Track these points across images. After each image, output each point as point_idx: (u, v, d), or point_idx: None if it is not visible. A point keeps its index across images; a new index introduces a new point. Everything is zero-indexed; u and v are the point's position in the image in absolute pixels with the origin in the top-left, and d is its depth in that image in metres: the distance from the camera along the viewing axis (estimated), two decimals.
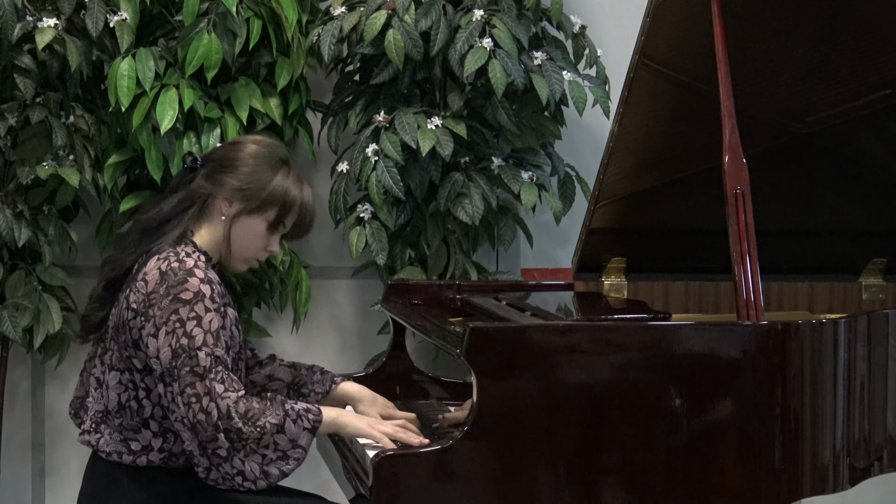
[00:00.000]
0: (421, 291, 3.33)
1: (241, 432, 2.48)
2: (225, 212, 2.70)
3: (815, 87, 3.06)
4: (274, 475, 2.51)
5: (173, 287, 2.55)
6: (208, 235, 2.72)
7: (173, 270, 2.57)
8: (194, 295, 2.54)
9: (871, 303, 3.34)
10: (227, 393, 2.49)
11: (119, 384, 2.63)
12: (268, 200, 2.69)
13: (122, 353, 2.62)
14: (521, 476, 2.43)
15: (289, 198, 2.71)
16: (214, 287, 2.59)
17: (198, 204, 2.71)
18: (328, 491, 3.15)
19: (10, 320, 3.85)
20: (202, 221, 2.72)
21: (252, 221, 2.71)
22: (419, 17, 3.78)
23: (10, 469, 4.24)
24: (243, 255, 2.74)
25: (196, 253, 2.65)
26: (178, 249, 2.63)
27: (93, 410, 2.70)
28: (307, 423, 2.54)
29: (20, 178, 3.84)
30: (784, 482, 2.50)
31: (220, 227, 2.71)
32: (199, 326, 2.52)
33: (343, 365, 4.20)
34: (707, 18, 2.75)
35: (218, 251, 2.73)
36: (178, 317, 2.53)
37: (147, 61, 3.75)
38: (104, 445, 2.65)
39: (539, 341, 2.45)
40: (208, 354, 2.51)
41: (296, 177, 2.75)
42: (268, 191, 2.69)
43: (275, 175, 2.71)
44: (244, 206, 2.69)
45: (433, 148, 3.74)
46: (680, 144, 3.13)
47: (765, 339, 2.51)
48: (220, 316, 2.57)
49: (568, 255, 3.42)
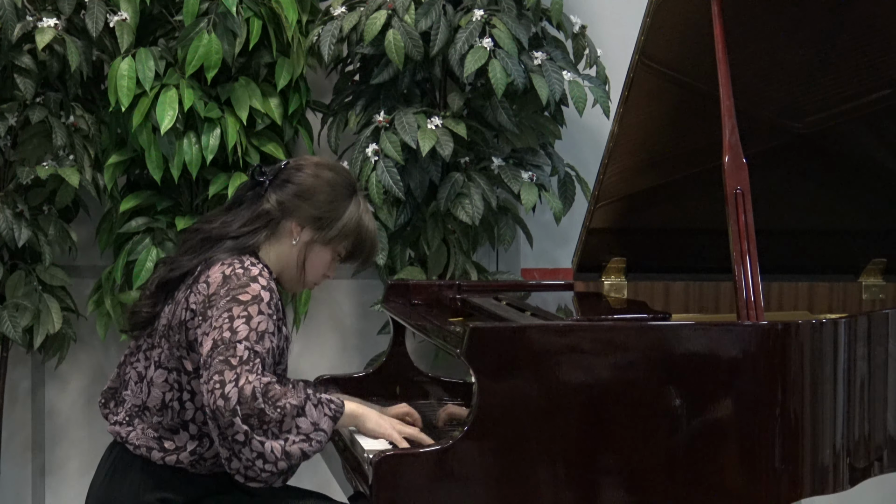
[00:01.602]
0: (421, 291, 3.33)
1: (263, 414, 2.43)
2: (297, 236, 2.70)
3: (814, 87, 3.06)
4: (296, 455, 2.46)
5: (234, 289, 2.54)
6: (273, 254, 2.72)
7: (237, 275, 2.57)
8: (252, 297, 2.53)
9: (871, 303, 3.34)
10: (257, 377, 2.45)
11: (165, 383, 2.64)
12: (343, 233, 2.71)
13: (172, 352, 2.62)
14: (521, 476, 2.43)
15: (362, 230, 2.73)
16: (274, 296, 2.58)
17: (271, 226, 2.70)
18: (328, 491, 3.15)
19: (10, 320, 3.85)
20: (270, 240, 2.71)
21: (323, 250, 2.72)
22: (419, 17, 3.78)
23: (10, 469, 4.24)
24: (304, 278, 2.75)
25: (260, 265, 2.64)
26: (243, 259, 2.63)
27: (129, 404, 2.70)
28: (328, 411, 2.51)
29: (20, 178, 3.84)
30: (784, 482, 2.50)
31: (286, 248, 2.71)
32: (247, 324, 2.50)
33: (343, 365, 4.20)
34: (707, 18, 2.75)
35: (280, 270, 2.73)
36: (229, 314, 2.51)
37: (147, 61, 3.75)
38: (134, 439, 2.66)
39: (539, 341, 2.45)
40: (248, 349, 2.48)
41: (366, 207, 2.77)
42: (343, 222, 2.70)
43: (349, 205, 2.72)
44: (318, 236, 2.70)
45: (433, 148, 3.74)
46: (680, 144, 3.13)
47: (765, 339, 2.51)
48: (272, 323, 2.55)
49: (568, 255, 3.42)
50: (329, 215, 2.70)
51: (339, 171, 2.77)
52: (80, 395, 4.28)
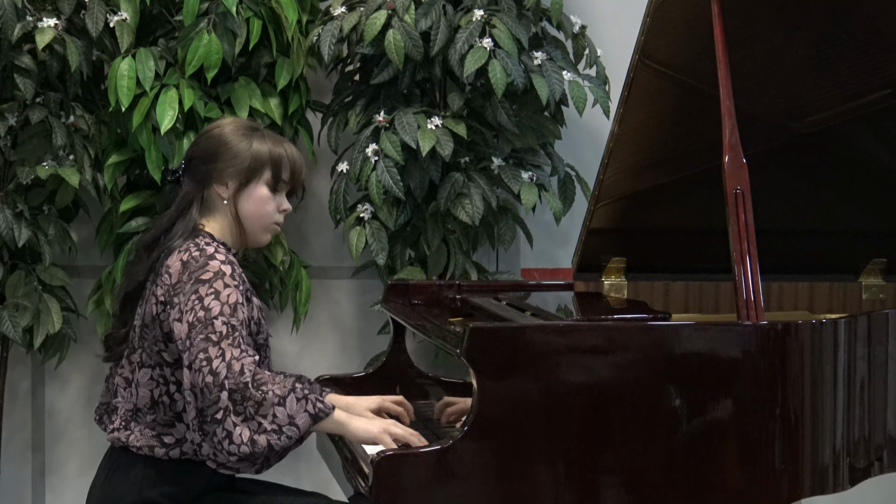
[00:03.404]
0: (421, 291, 3.33)
1: (246, 390, 2.47)
2: (225, 195, 2.75)
3: (815, 87, 3.06)
4: (261, 445, 2.47)
5: (195, 272, 2.59)
6: (219, 224, 2.76)
7: (194, 259, 2.62)
8: (214, 274, 2.59)
9: (871, 303, 3.34)
10: (243, 356, 2.51)
11: (150, 380, 2.66)
12: (257, 165, 2.75)
13: (151, 348, 2.65)
14: (520, 476, 2.43)
15: (275, 154, 2.77)
16: (235, 268, 2.63)
17: (196, 201, 2.75)
18: (328, 491, 3.15)
19: (10, 320, 3.85)
20: (208, 214, 2.77)
21: (253, 190, 2.76)
22: (419, 17, 3.78)
23: (10, 469, 4.24)
24: (261, 225, 2.79)
25: (214, 243, 2.69)
26: (197, 241, 2.68)
27: (122, 410, 2.72)
28: (311, 408, 2.52)
29: (20, 178, 3.84)
30: (784, 482, 2.50)
31: (224, 210, 2.76)
32: (217, 300, 2.55)
33: (343, 365, 4.20)
34: (707, 18, 2.75)
35: (234, 236, 2.77)
36: (196, 295, 2.56)
37: (147, 61, 3.75)
38: (134, 441, 2.67)
39: (539, 341, 2.45)
40: (224, 323, 2.53)
41: (272, 136, 2.81)
42: (253, 156, 2.75)
43: (252, 141, 2.76)
44: (240, 181, 2.75)
45: (433, 148, 3.74)
46: (680, 144, 3.13)
47: (765, 340, 2.51)
48: (240, 294, 2.60)
49: (568, 255, 3.42)
50: (238, 158, 2.75)
51: (229, 122, 2.83)
52: (79, 395, 4.28)
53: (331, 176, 4.01)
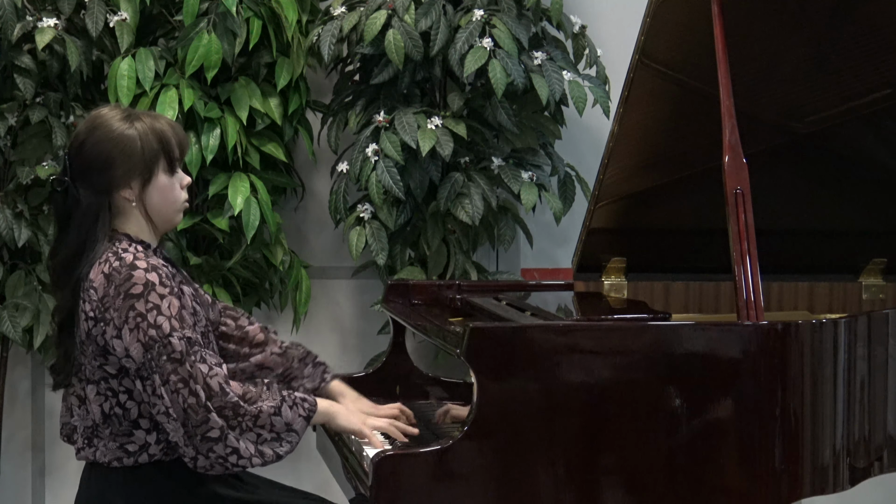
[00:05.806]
0: (421, 291, 3.33)
1: (238, 406, 2.48)
2: (132, 197, 2.64)
3: (815, 87, 3.06)
4: (269, 455, 2.52)
5: (121, 285, 2.53)
6: (133, 224, 2.66)
7: (116, 270, 2.54)
8: (144, 286, 2.52)
9: (871, 303, 3.34)
10: (214, 370, 2.50)
11: (98, 395, 2.61)
12: (151, 156, 2.63)
13: (92, 363, 2.60)
14: (521, 476, 2.43)
15: (160, 134, 2.65)
16: (161, 272, 2.56)
17: (103, 212, 2.63)
18: (328, 491, 3.15)
19: (10, 320, 3.85)
20: (120, 217, 2.65)
21: (156, 183, 2.65)
22: (419, 17, 3.78)
23: (10, 469, 4.24)
24: (173, 210, 2.69)
25: (132, 245, 2.62)
26: (114, 248, 2.60)
27: (81, 428, 2.68)
28: (303, 411, 2.57)
29: (20, 178, 3.84)
30: (784, 482, 2.50)
31: (135, 212, 2.65)
32: (161, 314, 2.51)
33: (343, 365, 4.19)
34: (707, 18, 2.75)
35: (150, 231, 2.68)
36: (135, 312, 2.51)
37: (147, 61, 3.75)
38: (101, 457, 2.64)
39: (539, 341, 2.45)
40: (180, 339, 2.50)
41: (144, 114, 2.68)
42: (145, 149, 2.62)
43: (132, 133, 2.62)
44: (142, 179, 2.63)
45: (433, 148, 3.74)
46: (680, 144, 3.13)
47: (765, 340, 2.51)
48: (177, 297, 2.55)
49: (568, 255, 3.42)
50: (133, 157, 2.62)
51: (105, 118, 2.66)
52: None
53: (331, 176, 4.01)
